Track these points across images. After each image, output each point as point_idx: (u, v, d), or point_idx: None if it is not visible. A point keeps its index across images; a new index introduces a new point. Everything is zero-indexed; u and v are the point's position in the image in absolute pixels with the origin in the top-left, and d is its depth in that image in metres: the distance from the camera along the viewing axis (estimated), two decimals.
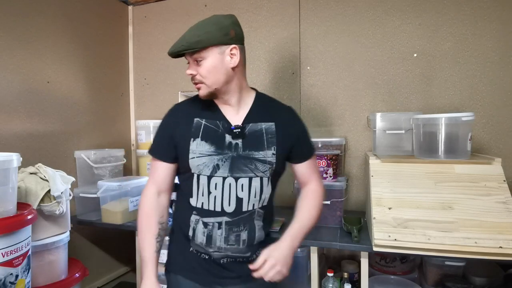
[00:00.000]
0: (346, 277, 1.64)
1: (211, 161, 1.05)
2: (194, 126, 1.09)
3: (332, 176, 1.74)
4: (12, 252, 1.11)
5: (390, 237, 1.27)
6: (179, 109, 1.17)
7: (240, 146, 1.07)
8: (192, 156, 1.06)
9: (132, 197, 1.88)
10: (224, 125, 1.08)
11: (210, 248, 1.08)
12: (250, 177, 1.06)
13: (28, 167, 1.50)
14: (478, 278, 1.63)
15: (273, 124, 1.11)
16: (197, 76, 1.05)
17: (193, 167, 1.07)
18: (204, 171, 1.06)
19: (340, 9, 2.04)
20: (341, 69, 2.05)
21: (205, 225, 1.08)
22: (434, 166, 1.44)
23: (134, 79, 2.55)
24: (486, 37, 1.80)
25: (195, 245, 1.12)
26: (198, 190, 1.08)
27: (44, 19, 1.86)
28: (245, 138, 1.07)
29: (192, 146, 1.06)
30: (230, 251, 1.08)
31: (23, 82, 1.75)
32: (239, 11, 2.25)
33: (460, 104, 1.85)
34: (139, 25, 2.52)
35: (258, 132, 1.09)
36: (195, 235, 1.09)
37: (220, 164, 1.05)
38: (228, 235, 1.07)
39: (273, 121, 1.12)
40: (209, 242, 1.07)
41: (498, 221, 1.24)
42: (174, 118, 1.15)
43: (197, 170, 1.06)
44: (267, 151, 1.08)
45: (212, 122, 1.09)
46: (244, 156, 1.06)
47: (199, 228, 1.08)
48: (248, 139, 1.08)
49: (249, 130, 1.09)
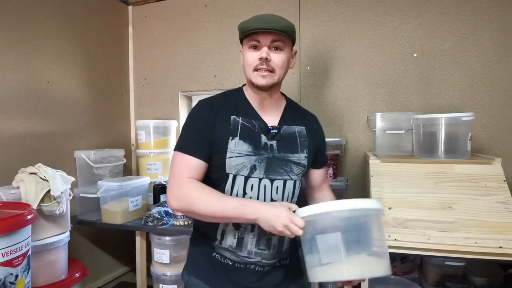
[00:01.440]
0: None
1: (249, 162, 1.02)
2: (231, 124, 1.04)
3: (332, 176, 1.74)
4: (12, 252, 1.11)
5: (390, 237, 1.27)
6: (212, 105, 1.07)
7: (275, 148, 1.06)
8: (230, 156, 1.02)
9: (132, 197, 1.88)
10: (260, 125, 1.07)
11: (240, 252, 1.04)
12: (285, 180, 1.06)
13: (28, 167, 1.50)
14: (478, 278, 1.63)
15: (304, 128, 1.13)
16: (271, 62, 1.01)
17: (230, 167, 1.02)
18: (242, 171, 1.02)
19: (340, 9, 2.04)
20: (341, 69, 2.05)
21: (236, 227, 1.04)
22: (434, 166, 1.44)
23: (134, 79, 2.55)
24: (486, 37, 1.80)
25: (221, 250, 1.06)
26: (232, 191, 1.03)
27: (44, 19, 1.86)
28: (280, 139, 1.07)
29: (231, 145, 1.02)
30: (260, 256, 1.05)
31: (23, 82, 1.75)
32: (239, 11, 2.25)
33: (460, 104, 1.85)
34: (139, 25, 2.52)
35: (292, 135, 1.10)
36: (224, 238, 1.05)
37: (257, 164, 1.03)
38: (260, 239, 1.04)
39: (304, 125, 1.14)
40: (239, 245, 1.04)
41: (498, 221, 1.24)
42: (209, 114, 1.05)
43: (234, 170, 1.02)
44: (301, 154, 1.09)
45: (248, 121, 1.06)
46: (280, 158, 1.06)
47: (229, 230, 1.04)
48: (283, 141, 1.07)
49: (284, 132, 1.09)
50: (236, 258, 1.06)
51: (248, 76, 1.06)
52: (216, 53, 2.31)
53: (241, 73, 2.23)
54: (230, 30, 2.27)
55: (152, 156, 2.14)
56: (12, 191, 1.42)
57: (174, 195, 0.98)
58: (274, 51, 1.01)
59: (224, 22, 2.29)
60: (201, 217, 0.99)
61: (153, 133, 2.19)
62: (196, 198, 0.95)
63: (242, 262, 1.05)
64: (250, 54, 1.03)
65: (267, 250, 1.05)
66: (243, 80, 1.17)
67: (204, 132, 1.03)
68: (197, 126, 1.05)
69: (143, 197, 1.99)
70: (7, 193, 1.41)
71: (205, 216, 0.97)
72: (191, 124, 1.07)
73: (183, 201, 0.97)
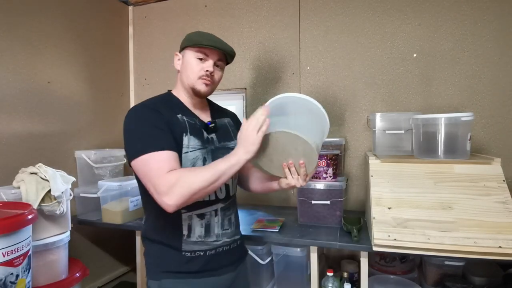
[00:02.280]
0: (345, 276, 1.64)
1: (202, 154, 1.11)
2: (180, 121, 1.10)
3: (332, 176, 1.74)
4: (12, 252, 1.11)
5: (390, 236, 1.27)
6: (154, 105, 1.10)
7: (215, 140, 1.17)
8: (185, 151, 1.07)
9: (132, 197, 1.89)
10: (200, 122, 1.16)
11: (209, 237, 1.12)
12: None
13: (29, 167, 1.51)
14: (477, 277, 1.63)
15: (230, 119, 1.29)
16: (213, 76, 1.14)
17: (186, 161, 1.06)
18: (198, 164, 1.09)
19: (340, 9, 2.05)
20: (341, 69, 2.05)
21: (201, 217, 1.11)
22: (434, 166, 1.44)
23: (134, 79, 2.55)
24: (486, 37, 1.80)
25: (189, 245, 1.10)
26: None
27: (44, 19, 1.86)
28: (217, 132, 1.19)
29: (185, 141, 1.08)
30: (226, 236, 1.15)
31: (23, 82, 1.76)
32: (239, 11, 2.25)
33: (460, 104, 1.85)
34: (139, 25, 2.53)
35: (225, 126, 1.24)
36: (192, 231, 1.10)
37: (206, 157, 1.12)
38: (223, 220, 1.15)
39: (229, 117, 1.30)
40: (207, 232, 1.12)
41: (498, 221, 1.24)
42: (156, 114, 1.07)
43: (191, 164, 1.07)
44: (235, 140, 1.17)
45: (191, 118, 1.14)
46: (221, 147, 1.17)
47: (195, 222, 1.11)
48: (220, 132, 1.20)
49: (218, 124, 1.21)
50: (205, 246, 1.11)
51: (190, 82, 1.13)
52: None
53: (241, 73, 2.24)
54: (230, 30, 2.27)
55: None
56: (13, 191, 1.43)
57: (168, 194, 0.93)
58: (215, 68, 1.15)
59: (224, 22, 2.29)
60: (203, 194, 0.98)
61: None
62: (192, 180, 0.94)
63: (212, 248, 1.12)
64: (197, 64, 1.12)
65: (229, 228, 1.17)
66: (243, 81, 1.17)
67: (163, 127, 1.04)
68: (154, 124, 1.03)
69: None
70: (8, 193, 1.42)
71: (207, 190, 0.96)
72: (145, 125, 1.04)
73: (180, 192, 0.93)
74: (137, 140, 1.03)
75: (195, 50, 1.12)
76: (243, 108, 2.29)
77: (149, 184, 0.98)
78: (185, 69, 1.14)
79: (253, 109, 2.19)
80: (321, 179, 1.74)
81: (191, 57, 1.13)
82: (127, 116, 1.09)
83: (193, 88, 1.13)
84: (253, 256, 1.64)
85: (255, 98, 2.23)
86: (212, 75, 1.13)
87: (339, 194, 1.68)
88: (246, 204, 2.19)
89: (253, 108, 2.21)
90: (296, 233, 1.58)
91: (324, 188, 1.70)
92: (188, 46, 1.14)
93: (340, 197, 1.68)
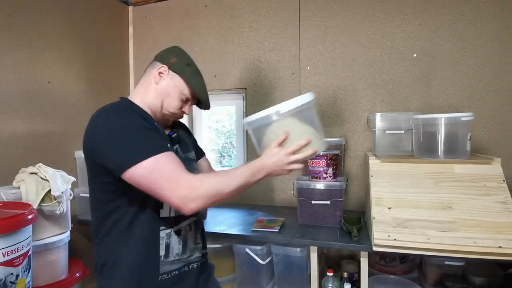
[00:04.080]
0: (345, 276, 1.64)
1: None
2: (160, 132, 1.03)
3: (332, 176, 1.74)
4: (12, 252, 1.11)
5: (390, 237, 1.27)
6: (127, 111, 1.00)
7: (180, 151, 1.14)
8: None
9: None
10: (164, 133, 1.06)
11: (185, 253, 1.05)
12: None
13: (29, 167, 1.51)
14: (477, 277, 1.63)
15: (182, 129, 1.25)
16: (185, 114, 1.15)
17: None
18: None
19: (340, 9, 2.05)
20: (341, 69, 2.05)
21: (178, 233, 1.04)
22: (434, 166, 1.44)
23: (134, 79, 2.55)
24: (486, 37, 1.80)
25: (167, 266, 1.01)
26: None
27: (45, 19, 1.86)
28: (180, 143, 1.16)
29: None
30: (198, 250, 1.11)
31: (23, 82, 1.76)
32: (239, 11, 2.25)
33: (460, 104, 1.85)
34: (139, 25, 2.53)
35: (183, 138, 1.21)
36: (170, 250, 1.01)
37: None
38: (196, 233, 1.12)
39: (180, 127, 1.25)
40: (184, 249, 1.05)
41: (498, 221, 1.24)
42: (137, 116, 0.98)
43: None
44: (192, 152, 1.22)
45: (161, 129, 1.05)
46: (185, 158, 1.13)
47: (173, 239, 1.02)
48: (182, 143, 1.17)
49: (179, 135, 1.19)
50: (180, 264, 1.04)
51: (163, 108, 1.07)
52: (216, 53, 2.31)
53: (241, 73, 2.24)
54: (230, 31, 2.27)
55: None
56: (13, 191, 1.43)
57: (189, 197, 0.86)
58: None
59: (224, 22, 2.29)
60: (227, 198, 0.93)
61: None
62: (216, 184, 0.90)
63: (186, 263, 1.06)
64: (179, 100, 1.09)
65: (201, 241, 1.14)
66: (243, 81, 1.18)
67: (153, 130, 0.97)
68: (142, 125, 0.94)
69: None
70: (8, 193, 1.42)
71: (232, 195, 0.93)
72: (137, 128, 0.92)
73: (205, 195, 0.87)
74: (128, 146, 0.88)
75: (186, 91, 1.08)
76: (243, 108, 2.29)
77: (160, 191, 0.87)
78: (168, 96, 1.06)
79: (253, 109, 2.19)
80: (321, 179, 1.74)
81: (179, 89, 1.07)
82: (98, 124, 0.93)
83: (162, 117, 1.10)
84: (253, 256, 1.64)
85: (255, 98, 2.23)
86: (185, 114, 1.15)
87: (339, 194, 1.68)
88: (246, 204, 2.19)
89: (253, 108, 2.21)
90: (296, 233, 1.58)
91: (324, 188, 1.70)
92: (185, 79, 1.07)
93: (340, 197, 1.68)
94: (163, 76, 1.07)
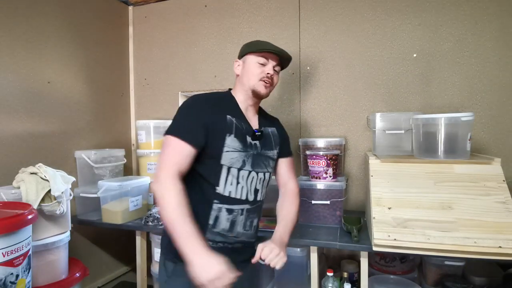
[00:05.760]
0: (345, 276, 1.64)
1: (241, 157, 1.18)
2: (228, 122, 1.17)
3: (332, 176, 1.74)
4: (12, 252, 1.11)
5: (390, 237, 1.27)
6: (209, 101, 1.20)
7: (259, 146, 1.24)
8: (227, 150, 1.15)
9: (133, 197, 1.89)
10: (247, 127, 1.22)
11: (231, 233, 1.19)
12: (264, 172, 1.26)
13: (29, 167, 1.51)
14: (477, 277, 1.63)
15: (274, 129, 1.35)
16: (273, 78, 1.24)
17: (225, 159, 1.15)
18: (235, 165, 1.17)
19: (340, 9, 2.05)
20: (341, 69, 2.05)
21: (229, 212, 1.17)
22: (434, 166, 1.44)
23: (134, 79, 2.55)
24: (486, 37, 1.80)
25: (213, 235, 1.17)
26: (227, 180, 1.16)
27: (44, 19, 1.86)
28: (261, 139, 1.25)
29: (228, 140, 1.15)
30: (245, 236, 1.22)
31: (23, 82, 1.76)
32: (239, 12, 2.25)
33: (460, 104, 1.85)
34: (139, 25, 2.53)
35: (269, 135, 1.30)
36: (217, 222, 1.16)
37: (246, 160, 1.19)
38: (246, 221, 1.21)
39: (274, 126, 1.36)
40: (231, 228, 1.18)
41: (498, 221, 1.24)
42: (207, 108, 1.16)
43: (229, 163, 1.16)
44: (274, 150, 1.31)
45: (239, 122, 1.21)
46: (262, 154, 1.25)
47: (223, 215, 1.17)
48: (263, 140, 1.27)
49: (264, 133, 1.28)
50: (225, 239, 1.19)
51: (250, 83, 1.22)
52: (216, 53, 2.31)
53: None
54: (230, 30, 2.27)
55: (153, 156, 2.15)
56: (13, 191, 1.43)
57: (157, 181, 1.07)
58: (274, 72, 1.24)
59: (224, 22, 2.29)
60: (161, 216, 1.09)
61: (153, 133, 2.19)
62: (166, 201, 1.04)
63: (230, 242, 1.20)
64: (258, 67, 1.22)
65: (250, 230, 1.24)
66: None
67: (201, 121, 1.13)
68: (195, 115, 1.14)
69: (143, 197, 1.99)
70: (8, 193, 1.42)
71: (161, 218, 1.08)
72: (188, 112, 1.16)
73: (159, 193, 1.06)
74: (175, 121, 1.15)
75: (257, 55, 1.21)
76: None
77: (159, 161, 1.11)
78: (246, 73, 1.23)
79: None
80: (321, 179, 1.74)
81: (253, 61, 1.22)
82: (185, 100, 1.22)
83: (254, 90, 1.21)
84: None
85: None
86: (272, 77, 1.23)
87: (339, 194, 1.68)
88: None
89: None
90: (296, 233, 1.58)
91: (324, 188, 1.70)
92: (250, 52, 1.23)
93: (340, 197, 1.68)
94: (238, 65, 1.28)
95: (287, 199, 1.34)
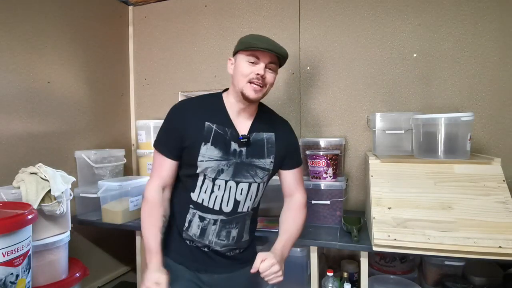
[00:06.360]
0: (345, 276, 1.64)
1: (217, 166, 1.13)
2: (205, 130, 1.13)
3: (332, 176, 1.74)
4: (12, 252, 1.11)
5: (390, 237, 1.27)
6: (188, 109, 1.17)
7: (244, 154, 1.15)
8: (201, 159, 1.12)
9: (133, 197, 1.89)
10: (232, 133, 1.15)
11: (202, 240, 1.17)
12: (249, 183, 1.17)
13: (29, 167, 1.51)
14: (477, 277, 1.63)
15: (273, 134, 1.21)
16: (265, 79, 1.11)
17: (201, 168, 1.13)
18: (210, 174, 1.13)
19: (340, 9, 2.05)
20: (341, 69, 2.05)
21: (201, 219, 1.17)
22: (434, 166, 1.44)
23: (134, 79, 2.55)
24: (485, 37, 1.80)
25: (187, 236, 1.19)
26: (201, 188, 1.15)
27: (44, 19, 1.86)
28: (249, 146, 1.16)
29: (202, 150, 1.12)
30: (219, 245, 1.18)
31: (23, 82, 1.76)
32: (239, 12, 2.25)
33: (460, 104, 1.85)
34: (139, 25, 2.53)
35: (260, 142, 1.19)
36: (190, 227, 1.18)
37: (225, 169, 1.14)
38: (220, 231, 1.17)
39: (273, 132, 1.22)
40: (202, 235, 1.17)
41: (498, 221, 1.24)
42: (183, 118, 1.15)
43: (204, 172, 1.13)
44: (267, 159, 1.18)
45: (222, 128, 1.14)
46: (247, 163, 1.15)
47: (195, 221, 1.17)
48: (252, 147, 1.16)
49: (253, 139, 1.17)
50: (199, 244, 1.19)
51: (239, 86, 1.11)
52: (216, 53, 2.31)
53: None
54: (230, 30, 2.27)
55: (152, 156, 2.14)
56: (13, 191, 1.43)
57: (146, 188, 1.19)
58: (267, 70, 1.11)
59: (224, 22, 2.29)
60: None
61: (153, 133, 2.19)
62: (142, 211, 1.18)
63: (206, 246, 1.19)
64: (247, 67, 1.10)
65: (226, 240, 1.18)
66: None
67: (173, 134, 1.14)
68: (170, 126, 1.17)
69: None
70: (8, 193, 1.42)
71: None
72: (165, 123, 1.19)
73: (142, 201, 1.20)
74: (158, 133, 1.20)
75: (246, 54, 1.10)
76: None
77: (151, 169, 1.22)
78: (236, 73, 1.13)
79: None
80: (321, 179, 1.74)
81: (242, 60, 1.11)
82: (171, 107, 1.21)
83: (242, 93, 1.11)
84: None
85: None
86: (264, 78, 1.09)
87: (339, 194, 1.68)
88: None
89: None
90: None
91: (324, 188, 1.70)
92: (240, 50, 1.12)
93: (340, 197, 1.68)
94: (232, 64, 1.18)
95: (291, 212, 1.26)
